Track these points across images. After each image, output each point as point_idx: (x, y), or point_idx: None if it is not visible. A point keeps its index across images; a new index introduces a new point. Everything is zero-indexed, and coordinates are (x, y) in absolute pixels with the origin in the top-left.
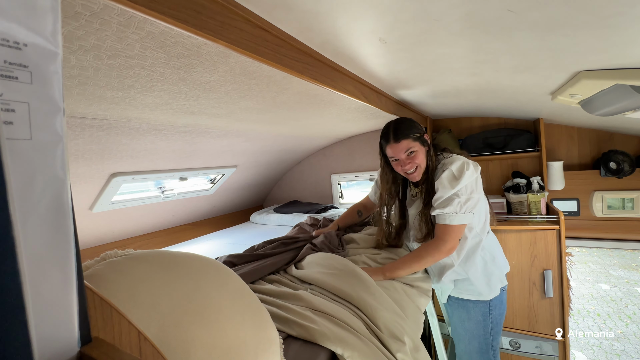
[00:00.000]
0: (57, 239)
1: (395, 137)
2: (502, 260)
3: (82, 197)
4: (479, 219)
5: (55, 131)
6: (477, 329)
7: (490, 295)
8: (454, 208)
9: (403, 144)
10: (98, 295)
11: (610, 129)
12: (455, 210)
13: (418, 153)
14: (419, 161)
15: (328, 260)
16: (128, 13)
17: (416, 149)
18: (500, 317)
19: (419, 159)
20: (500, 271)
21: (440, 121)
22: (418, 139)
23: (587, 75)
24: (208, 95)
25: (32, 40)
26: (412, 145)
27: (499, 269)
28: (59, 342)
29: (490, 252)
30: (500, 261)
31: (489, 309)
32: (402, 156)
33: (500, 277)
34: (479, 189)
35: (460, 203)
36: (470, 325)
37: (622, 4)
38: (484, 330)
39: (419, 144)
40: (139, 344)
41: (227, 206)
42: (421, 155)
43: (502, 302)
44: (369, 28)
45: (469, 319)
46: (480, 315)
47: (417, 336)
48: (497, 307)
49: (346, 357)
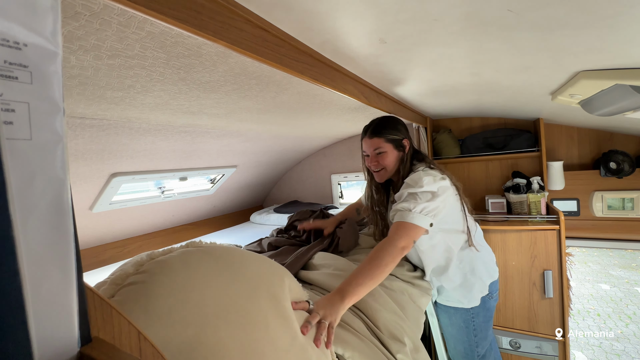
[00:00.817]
0: (57, 239)
1: (370, 133)
2: (485, 271)
3: (82, 197)
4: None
5: (55, 131)
6: (460, 334)
7: (471, 304)
8: (408, 205)
9: (374, 141)
10: (98, 295)
11: (610, 129)
12: (409, 207)
13: (387, 155)
14: (386, 163)
15: (332, 261)
16: (128, 13)
17: (385, 150)
18: (485, 324)
19: (387, 161)
20: (482, 282)
21: (440, 121)
22: (392, 141)
23: (587, 75)
24: (208, 95)
25: (32, 40)
26: (383, 145)
27: (480, 280)
28: (59, 342)
29: (470, 264)
30: (481, 272)
31: (471, 316)
32: (371, 153)
33: (482, 288)
34: (449, 201)
35: (416, 204)
36: (454, 331)
37: (622, 4)
38: (467, 336)
39: (392, 147)
40: (139, 344)
41: (227, 206)
42: (390, 158)
43: (488, 310)
44: (369, 28)
45: (452, 325)
46: (462, 322)
47: (417, 337)
48: (480, 315)
49: (347, 357)
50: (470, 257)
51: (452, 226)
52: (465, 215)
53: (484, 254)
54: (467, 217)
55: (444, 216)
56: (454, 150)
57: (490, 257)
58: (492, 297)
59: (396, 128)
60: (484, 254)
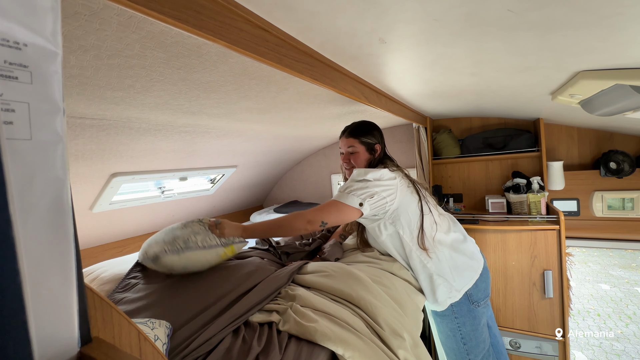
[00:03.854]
0: (57, 239)
1: (348, 133)
2: (453, 275)
3: (82, 197)
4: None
5: (55, 131)
6: (449, 342)
7: (438, 307)
8: (343, 187)
9: (350, 140)
10: (98, 295)
11: (610, 129)
12: (340, 189)
13: (359, 155)
14: (356, 163)
15: (323, 266)
16: (128, 13)
17: (358, 151)
18: (474, 332)
19: (358, 161)
20: (449, 287)
21: (440, 121)
22: (365, 144)
23: (587, 75)
24: (208, 95)
25: (32, 40)
26: (356, 145)
27: (446, 284)
28: (59, 342)
29: (436, 266)
30: (447, 275)
31: (457, 325)
32: (345, 150)
33: (450, 293)
34: (399, 193)
35: (351, 187)
36: (443, 338)
37: (622, 4)
38: (456, 344)
39: (364, 149)
40: (139, 344)
41: (227, 206)
42: (361, 158)
43: (475, 318)
44: (369, 28)
45: (440, 332)
46: (449, 330)
47: (417, 333)
48: (466, 324)
49: (347, 357)
50: (435, 260)
51: (405, 221)
52: (422, 214)
53: (453, 259)
54: (424, 216)
55: (397, 208)
56: (454, 150)
57: (466, 263)
58: (479, 305)
59: (371, 133)
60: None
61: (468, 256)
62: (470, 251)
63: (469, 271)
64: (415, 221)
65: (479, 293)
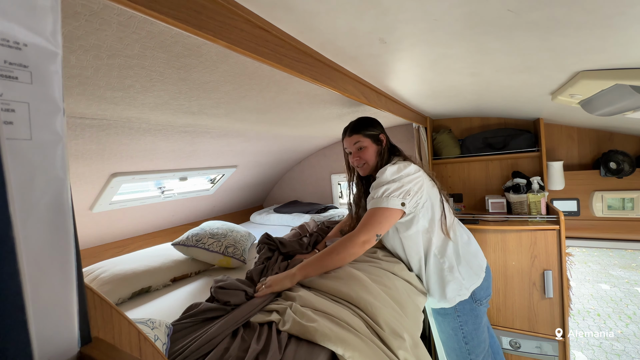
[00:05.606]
0: (57, 239)
1: (349, 131)
2: (466, 273)
3: (82, 197)
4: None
5: (55, 131)
6: (451, 341)
7: (446, 304)
8: (374, 194)
9: (354, 137)
10: (98, 295)
11: (610, 129)
12: (375, 195)
13: (367, 149)
14: (367, 157)
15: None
16: (128, 13)
17: (365, 145)
18: (475, 331)
19: (368, 155)
20: (459, 284)
21: (440, 121)
22: (370, 136)
23: (587, 75)
24: (208, 95)
25: (32, 40)
26: (362, 140)
27: (457, 281)
28: (59, 342)
29: (450, 261)
30: (459, 271)
31: (459, 324)
32: (353, 149)
33: (460, 291)
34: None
35: (389, 190)
36: (444, 337)
37: (622, 4)
38: (458, 344)
39: (370, 141)
40: (139, 344)
41: (227, 206)
42: (370, 152)
43: (477, 317)
44: (369, 28)
45: (442, 331)
46: (451, 329)
47: (417, 334)
48: (469, 323)
49: (347, 357)
50: (450, 254)
51: (430, 209)
52: (443, 206)
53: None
54: (445, 209)
55: (424, 201)
56: (454, 150)
57: (476, 261)
58: (481, 304)
59: (372, 124)
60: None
61: (473, 254)
62: (474, 249)
63: (477, 269)
64: (437, 208)
65: (482, 292)
